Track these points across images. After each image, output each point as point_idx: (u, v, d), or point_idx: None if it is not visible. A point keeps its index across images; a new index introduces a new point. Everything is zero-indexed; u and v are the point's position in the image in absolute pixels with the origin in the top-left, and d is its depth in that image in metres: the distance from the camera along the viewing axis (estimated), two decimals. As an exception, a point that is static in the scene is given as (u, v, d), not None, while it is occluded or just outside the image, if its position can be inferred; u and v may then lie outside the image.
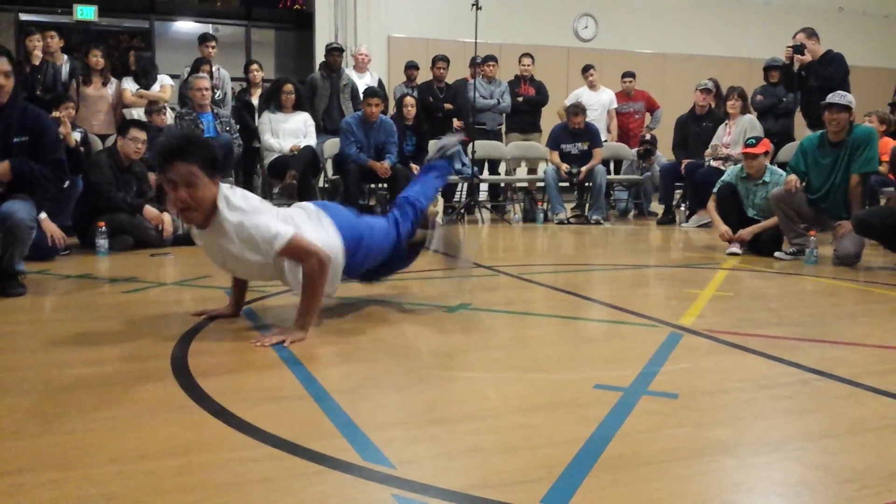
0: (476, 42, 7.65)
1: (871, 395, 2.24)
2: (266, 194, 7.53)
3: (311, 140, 6.88)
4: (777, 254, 5.25)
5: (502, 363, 2.56)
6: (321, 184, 7.51)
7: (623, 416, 2.00)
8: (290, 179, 6.38)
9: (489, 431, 1.93)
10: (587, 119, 8.08)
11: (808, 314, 3.53)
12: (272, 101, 7.04)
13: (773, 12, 12.80)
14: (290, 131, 6.86)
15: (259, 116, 7.22)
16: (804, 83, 6.74)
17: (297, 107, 6.97)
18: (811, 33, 6.76)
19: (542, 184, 8.08)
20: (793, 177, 5.12)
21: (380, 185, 7.25)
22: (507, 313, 3.42)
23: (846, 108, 4.96)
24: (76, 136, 5.68)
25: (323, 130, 7.40)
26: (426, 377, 2.40)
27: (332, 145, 7.25)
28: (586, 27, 12.22)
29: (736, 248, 5.37)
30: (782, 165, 6.09)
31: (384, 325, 3.19)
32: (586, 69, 9.04)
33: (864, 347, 2.84)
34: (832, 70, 6.56)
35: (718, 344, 2.83)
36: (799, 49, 6.65)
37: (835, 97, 5.01)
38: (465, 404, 2.15)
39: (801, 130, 6.93)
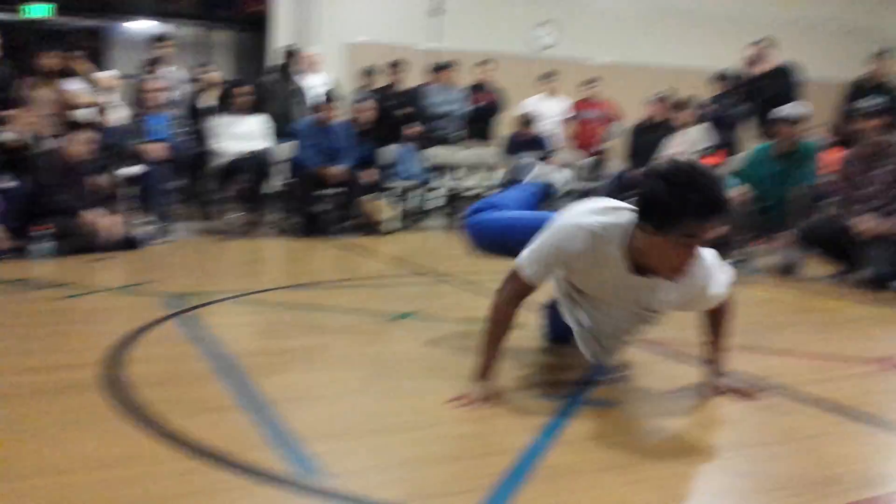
0: (433, 48, 7.64)
1: (801, 404, 2.28)
2: (216, 200, 7.41)
3: (265, 144, 6.80)
4: (723, 263, 5.32)
5: (445, 372, 2.53)
6: (273, 189, 7.42)
7: (561, 426, 2.00)
8: (240, 184, 6.29)
9: (428, 441, 1.91)
10: (542, 127, 8.11)
11: (747, 324, 3.54)
12: (226, 103, 6.94)
13: (729, 24, 13.02)
14: (243, 134, 6.76)
15: (212, 118, 7.11)
16: (758, 94, 6.85)
17: (252, 109, 6.88)
18: (767, 44, 6.88)
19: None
20: (742, 187, 5.20)
21: (335, 191, 7.18)
22: (454, 321, 3.40)
23: (794, 122, 5.06)
24: (20, 137, 5.52)
25: (276, 134, 7.31)
26: (366, 387, 2.37)
27: (285, 149, 7.17)
28: (546, 35, 12.31)
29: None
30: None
31: (325, 334, 3.15)
32: (548, 76, 9.09)
33: (797, 357, 2.89)
34: (787, 81, 6.68)
35: (658, 354, 2.85)
36: (755, 59, 6.76)
37: (783, 111, 5.10)
38: (405, 414, 2.13)
39: (752, 141, 7.04)
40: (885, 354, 2.88)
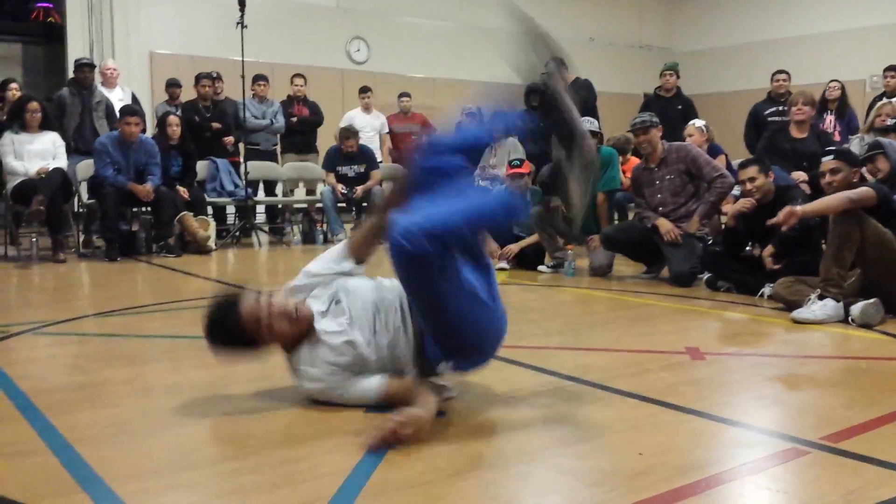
0: (245, 61, 7.42)
1: (618, 397, 2.41)
2: (13, 222, 6.79)
3: (61, 162, 6.31)
4: (540, 267, 5.58)
5: (273, 393, 2.44)
6: (75, 209, 6.89)
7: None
8: (37, 205, 5.79)
9: (250, 471, 1.82)
10: (361, 141, 8.11)
11: (565, 323, 3.75)
12: (16, 120, 6.37)
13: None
14: (36, 153, 6.25)
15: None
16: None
17: (45, 126, 6.37)
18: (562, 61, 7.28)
19: (320, 205, 7.99)
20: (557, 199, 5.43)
21: (143, 209, 6.79)
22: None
23: (595, 134, 5.42)
24: None
25: (75, 151, 6.81)
26: (184, 417, 2.23)
27: (85, 167, 6.69)
28: (358, 50, 12.35)
29: (504, 264, 5.63)
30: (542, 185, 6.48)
31: (139, 363, 2.96)
32: (363, 90, 9.08)
33: (613, 352, 3.06)
34: (583, 95, 7.11)
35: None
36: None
37: (586, 125, 5.42)
38: (225, 444, 2.03)
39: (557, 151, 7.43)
40: (693, 345, 3.10)
